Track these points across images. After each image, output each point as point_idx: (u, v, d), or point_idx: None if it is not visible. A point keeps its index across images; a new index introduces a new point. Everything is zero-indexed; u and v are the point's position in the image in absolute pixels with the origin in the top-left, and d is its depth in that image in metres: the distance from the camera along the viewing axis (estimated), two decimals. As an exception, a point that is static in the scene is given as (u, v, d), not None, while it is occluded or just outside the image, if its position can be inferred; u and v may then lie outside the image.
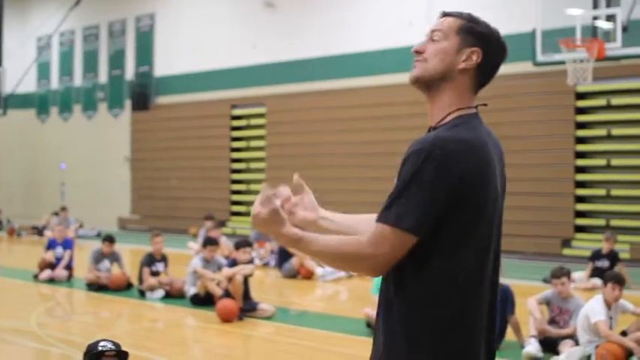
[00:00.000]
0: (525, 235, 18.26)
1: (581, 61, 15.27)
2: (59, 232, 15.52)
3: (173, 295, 12.48)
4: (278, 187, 2.71)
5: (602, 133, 18.65)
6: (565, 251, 18.36)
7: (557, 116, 19.00)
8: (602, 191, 18.56)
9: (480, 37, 2.62)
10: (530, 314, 8.93)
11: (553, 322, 8.96)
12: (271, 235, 2.57)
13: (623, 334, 8.44)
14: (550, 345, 8.62)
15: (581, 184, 18.99)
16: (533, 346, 8.54)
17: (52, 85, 32.89)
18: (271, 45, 24.60)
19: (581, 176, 18.90)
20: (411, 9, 20.92)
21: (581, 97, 18.91)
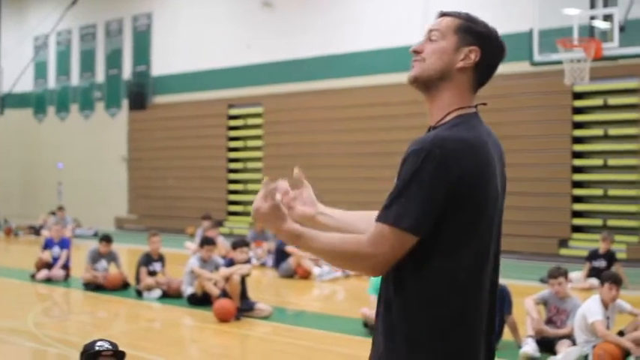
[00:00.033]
0: (522, 235, 18.25)
1: (579, 61, 15.29)
2: (56, 231, 15.49)
3: (170, 295, 12.47)
4: (277, 180, 2.71)
5: (599, 133, 18.66)
6: (562, 251, 18.37)
7: (554, 116, 19.00)
8: (599, 191, 18.57)
9: (478, 36, 2.62)
10: (528, 314, 8.93)
11: (550, 322, 8.96)
12: (272, 231, 2.57)
13: (620, 334, 8.45)
14: (547, 345, 8.61)
15: (578, 184, 18.99)
16: (530, 346, 8.55)
17: (49, 85, 32.85)
18: (268, 45, 24.59)
19: (578, 176, 18.91)
20: (408, 9, 20.91)
21: (579, 96, 18.92)
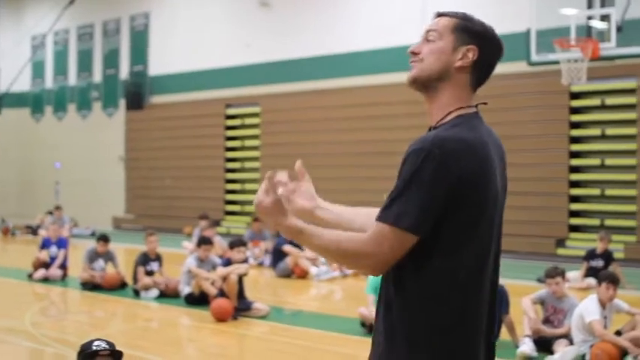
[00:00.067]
0: (519, 235, 18.25)
1: (576, 61, 15.31)
2: (53, 231, 15.48)
3: (168, 295, 12.46)
4: (277, 171, 2.70)
5: (597, 132, 18.68)
6: (559, 251, 18.39)
7: (552, 116, 19.01)
8: (597, 191, 18.58)
9: (476, 35, 2.63)
10: (525, 314, 8.93)
11: (547, 321, 8.96)
12: (273, 225, 2.56)
13: (617, 333, 8.45)
14: (544, 344, 8.62)
15: (576, 183, 19.01)
16: (527, 346, 8.55)
17: (47, 85, 32.82)
18: (266, 44, 24.58)
19: (576, 176, 18.93)
20: (406, 8, 20.92)
21: (576, 96, 18.93)
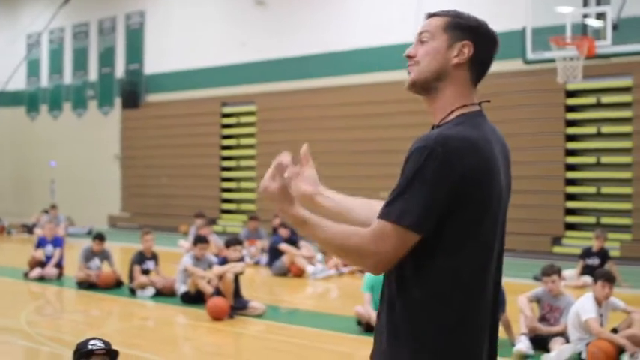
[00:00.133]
0: (516, 233, 18.17)
1: (571, 59, 15.31)
2: (49, 229, 15.46)
3: (164, 293, 12.45)
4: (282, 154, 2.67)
5: (592, 130, 18.70)
6: (555, 249, 18.40)
7: (547, 114, 19.03)
8: (593, 189, 18.60)
9: (469, 30, 2.62)
10: (521, 312, 8.94)
11: (543, 319, 8.97)
12: (278, 212, 2.56)
13: (613, 331, 8.45)
14: (541, 342, 8.63)
15: (572, 181, 19.03)
16: (523, 344, 8.56)
17: (42, 83, 32.75)
18: (261, 43, 24.55)
19: (572, 174, 18.94)
20: (401, 6, 20.90)
21: (571, 94, 18.95)
